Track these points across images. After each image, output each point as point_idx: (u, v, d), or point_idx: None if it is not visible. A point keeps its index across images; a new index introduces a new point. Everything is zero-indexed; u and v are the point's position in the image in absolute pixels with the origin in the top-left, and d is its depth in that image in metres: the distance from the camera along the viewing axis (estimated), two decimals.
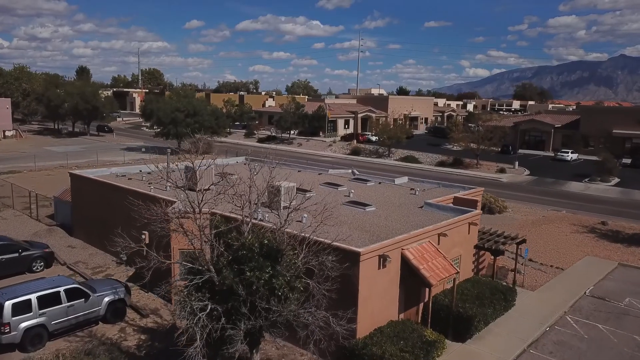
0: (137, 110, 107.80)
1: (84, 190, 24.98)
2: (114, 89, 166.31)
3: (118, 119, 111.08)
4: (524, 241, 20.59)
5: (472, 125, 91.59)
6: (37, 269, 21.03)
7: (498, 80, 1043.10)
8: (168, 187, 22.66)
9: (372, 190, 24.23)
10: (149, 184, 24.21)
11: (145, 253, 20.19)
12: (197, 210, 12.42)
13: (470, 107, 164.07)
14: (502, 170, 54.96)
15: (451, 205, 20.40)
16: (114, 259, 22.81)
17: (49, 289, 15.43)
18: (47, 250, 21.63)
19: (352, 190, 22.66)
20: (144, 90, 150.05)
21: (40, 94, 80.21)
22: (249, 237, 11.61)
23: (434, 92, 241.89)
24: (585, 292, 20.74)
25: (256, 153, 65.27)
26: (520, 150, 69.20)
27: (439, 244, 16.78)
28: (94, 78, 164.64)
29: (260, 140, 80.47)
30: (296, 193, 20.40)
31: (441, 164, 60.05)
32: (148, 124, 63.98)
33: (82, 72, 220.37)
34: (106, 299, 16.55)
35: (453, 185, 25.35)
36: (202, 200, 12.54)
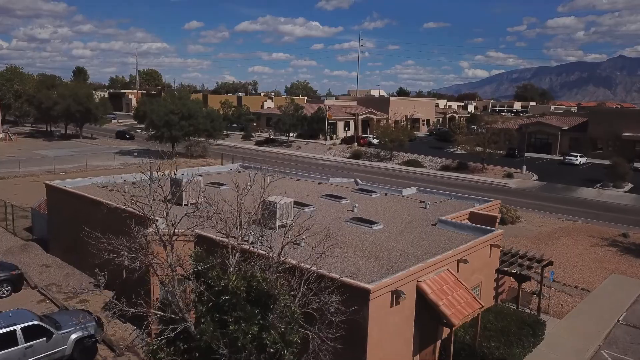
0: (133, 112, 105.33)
1: (60, 203, 22.69)
2: (110, 90, 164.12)
3: (113, 121, 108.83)
4: (550, 263, 18.33)
5: (475, 127, 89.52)
6: (3, 294, 18.74)
7: (497, 81, 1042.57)
8: (151, 202, 20.41)
9: (378, 203, 21.96)
10: (132, 197, 21.91)
11: (122, 275, 17.87)
12: (169, 241, 10.14)
13: (471, 108, 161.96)
14: (509, 175, 52.73)
15: (468, 223, 18.14)
16: (92, 280, 20.51)
17: (3, 327, 13.15)
18: (15, 272, 19.33)
19: (357, 205, 20.40)
20: (140, 92, 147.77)
21: (31, 96, 77.90)
22: (233, 278, 9.33)
23: (434, 92, 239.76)
24: (618, 320, 18.48)
25: (253, 157, 63.14)
26: (526, 154, 66.94)
27: (458, 271, 14.53)
28: (93, 79, 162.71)
29: (258, 143, 78.23)
30: (294, 208, 18.20)
31: (445, 168, 57.86)
32: (143, 126, 61.55)
33: (79, 72, 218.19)
34: (73, 336, 14.28)
35: (467, 197, 23.10)
36: (174, 235, 10.25)
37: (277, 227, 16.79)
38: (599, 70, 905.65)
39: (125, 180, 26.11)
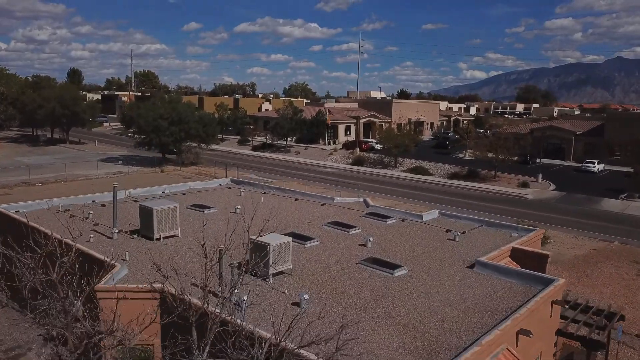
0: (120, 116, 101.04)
1: (9, 232, 18.72)
2: (104, 92, 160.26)
3: (105, 124, 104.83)
4: (622, 318, 14.49)
5: (482, 130, 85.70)
6: None
7: (495, 82, 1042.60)
8: (115, 235, 16.51)
9: (395, 233, 18.08)
10: (94, 225, 18.02)
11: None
12: None
13: (473, 110, 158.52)
14: (524, 185, 48.89)
15: (516, 268, 14.27)
16: (42, 332, 16.60)
17: None
18: None
19: (370, 238, 16.49)
20: (133, 94, 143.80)
21: (14, 98, 73.87)
22: None
23: (434, 94, 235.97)
24: None
25: (249, 163, 59.26)
26: (538, 159, 63.15)
27: (517, 345, 10.65)
28: (91, 80, 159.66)
29: (255, 148, 74.31)
30: (293, 242, 14.33)
31: (454, 176, 53.99)
32: (133, 131, 57.28)
33: (74, 74, 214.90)
34: None
35: (501, 224, 19.25)
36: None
37: (271, 277, 12.91)
38: (597, 71, 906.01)
39: (93, 201, 22.19)
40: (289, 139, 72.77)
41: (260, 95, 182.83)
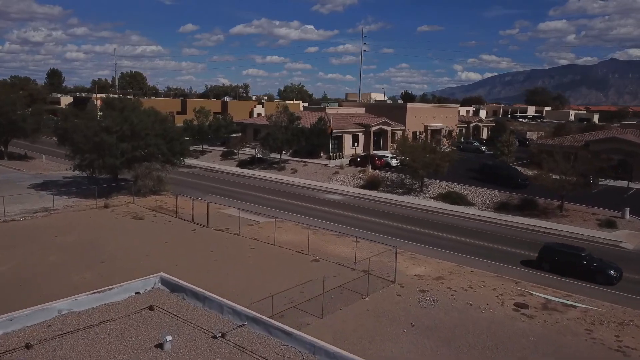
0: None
1: None
2: (80, 94, 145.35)
3: None
4: None
5: (519, 140, 72.15)
6: None
7: (490, 83, 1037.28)
8: None
9: None
10: None
11: None
12: None
13: (482, 113, 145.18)
14: (609, 224, 35.23)
15: None
16: None
17: None
18: None
19: None
20: (113, 96, 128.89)
21: None
22: None
23: (438, 97, 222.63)
24: None
25: (230, 187, 44.76)
26: (600, 181, 49.64)
27: None
28: (86, 82, 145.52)
29: (242, 164, 60.24)
30: None
31: (503, 207, 40.23)
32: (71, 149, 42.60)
33: (54, 75, 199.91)
34: None
35: None
36: None
37: None
38: (591, 73, 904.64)
39: None
40: (284, 152, 58.89)
41: (253, 98, 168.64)
